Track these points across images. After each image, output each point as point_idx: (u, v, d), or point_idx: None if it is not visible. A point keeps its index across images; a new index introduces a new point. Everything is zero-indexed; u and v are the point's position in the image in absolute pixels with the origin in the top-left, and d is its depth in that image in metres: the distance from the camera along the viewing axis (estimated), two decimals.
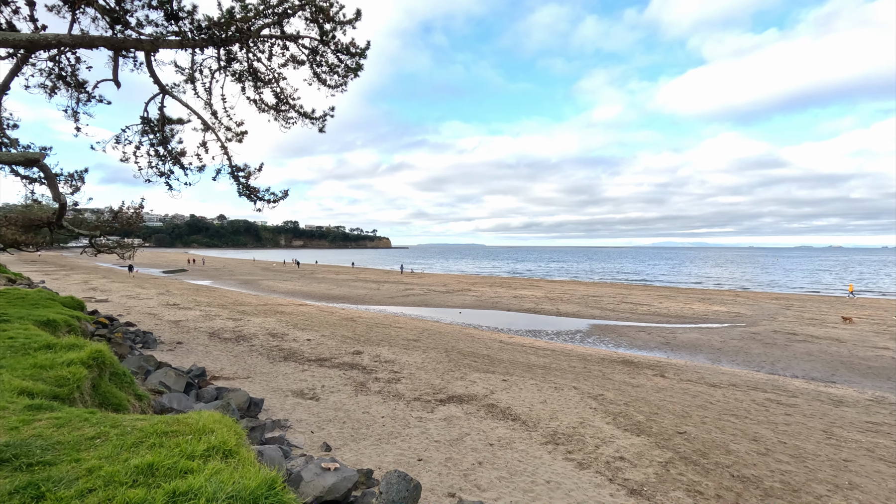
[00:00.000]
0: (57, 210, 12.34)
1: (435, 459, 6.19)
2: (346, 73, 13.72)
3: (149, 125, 13.68)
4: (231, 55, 13.20)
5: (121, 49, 11.57)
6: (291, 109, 14.32)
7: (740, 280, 58.37)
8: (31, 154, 10.55)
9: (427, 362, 11.78)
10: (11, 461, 2.62)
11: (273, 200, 14.63)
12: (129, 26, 11.56)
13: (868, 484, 6.04)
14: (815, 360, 14.97)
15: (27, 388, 3.85)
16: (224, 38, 12.11)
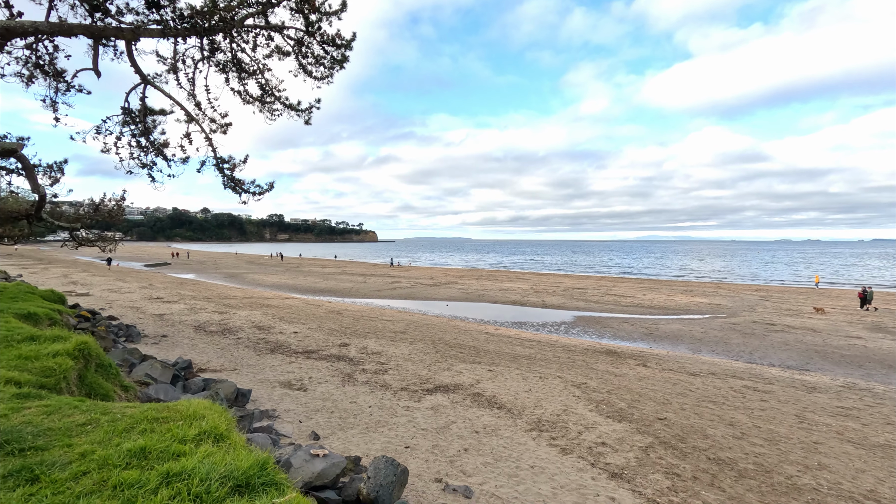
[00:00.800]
0: (36, 202, 12.12)
1: (422, 447, 6.31)
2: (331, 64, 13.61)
3: (130, 116, 13.45)
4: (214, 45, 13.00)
5: (100, 37, 11.33)
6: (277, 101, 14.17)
7: (722, 272, 59.53)
8: (8, 144, 10.31)
9: (414, 353, 11.89)
10: (3, 446, 2.65)
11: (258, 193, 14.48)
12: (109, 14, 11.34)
13: (836, 464, 6.33)
14: (792, 349, 15.43)
15: (13, 378, 3.86)
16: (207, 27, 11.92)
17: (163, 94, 13.96)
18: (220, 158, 14.55)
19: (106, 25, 11.57)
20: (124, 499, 2.18)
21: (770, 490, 5.55)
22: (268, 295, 26.31)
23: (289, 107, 15.05)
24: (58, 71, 12.27)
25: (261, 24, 13.51)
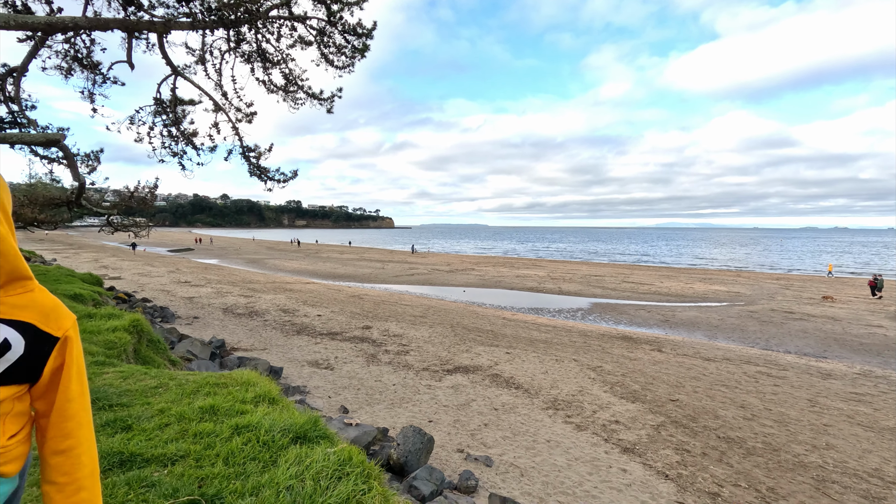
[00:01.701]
0: (76, 189, 12.77)
1: (444, 421, 6.72)
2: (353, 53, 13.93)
3: (161, 106, 13.99)
4: (240, 36, 13.43)
5: (134, 31, 11.82)
6: (300, 90, 14.57)
7: (742, 261, 58.68)
8: (51, 135, 10.92)
9: (434, 336, 12.31)
10: (95, 402, 3.10)
11: (283, 180, 15.01)
12: (142, 8, 11.79)
13: (844, 445, 6.55)
14: (810, 336, 15.44)
15: (86, 349, 4.33)
16: (234, 19, 12.33)
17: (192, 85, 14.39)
18: (246, 147, 15.04)
19: (139, 19, 12.04)
20: (204, 444, 2.59)
21: (777, 466, 5.82)
22: (289, 280, 27.02)
23: (312, 96, 15.42)
24: (94, 63, 12.81)
25: (284, 15, 13.85)
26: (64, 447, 0.84)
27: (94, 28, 11.08)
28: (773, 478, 5.54)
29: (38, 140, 10.69)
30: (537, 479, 5.20)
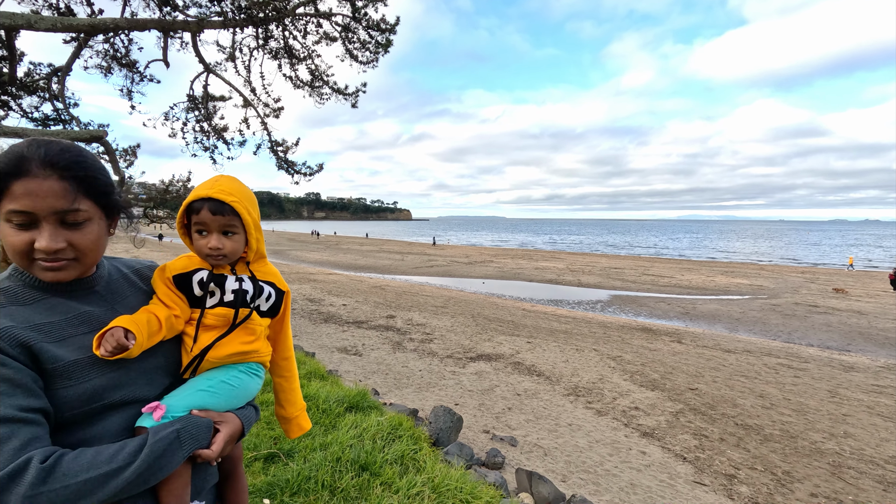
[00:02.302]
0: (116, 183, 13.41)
1: (469, 405, 7.06)
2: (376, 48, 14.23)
3: (194, 102, 14.53)
4: (268, 33, 13.84)
5: (170, 30, 12.31)
6: (325, 85, 14.96)
7: (766, 254, 57.58)
8: (95, 131, 11.51)
9: (456, 326, 12.66)
10: None
11: (309, 174, 15.45)
12: (177, 8, 12.27)
13: (862, 434, 6.68)
14: (833, 330, 15.33)
15: None
16: (262, 17, 12.74)
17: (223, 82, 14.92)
18: (274, 141, 15.53)
19: (174, 19, 12.57)
20: (272, 411, 2.96)
21: (793, 452, 6.01)
22: (312, 270, 27.68)
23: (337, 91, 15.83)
24: (131, 62, 13.38)
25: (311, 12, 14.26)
26: (286, 356, 1.25)
27: (132, 28, 11.59)
28: (789, 462, 5.74)
29: (82, 136, 11.26)
30: (560, 458, 5.50)
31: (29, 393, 0.77)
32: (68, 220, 0.84)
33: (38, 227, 0.82)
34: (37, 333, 0.82)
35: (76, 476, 0.73)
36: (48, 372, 0.81)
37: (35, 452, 0.73)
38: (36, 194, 0.80)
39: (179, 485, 0.90)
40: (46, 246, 0.82)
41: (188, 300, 1.07)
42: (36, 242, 0.82)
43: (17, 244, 0.82)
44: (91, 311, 0.92)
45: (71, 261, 0.87)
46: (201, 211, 1.04)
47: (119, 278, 1.04)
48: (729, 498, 4.93)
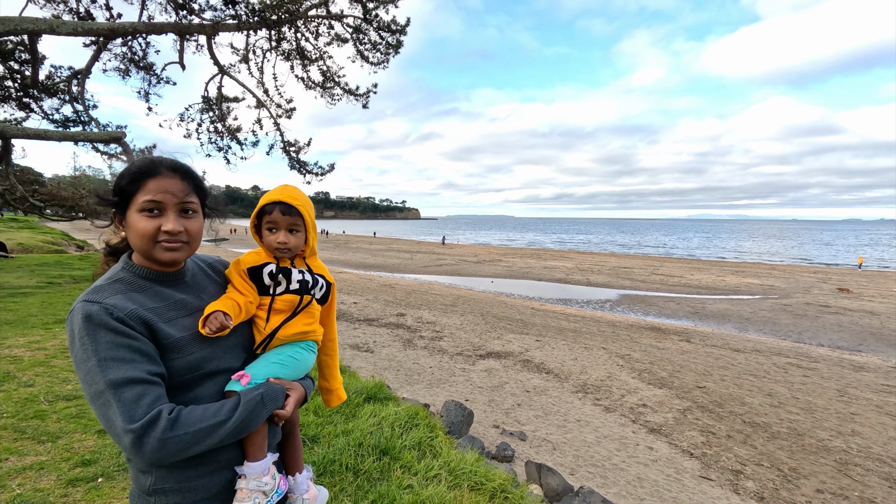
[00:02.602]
0: None
1: (479, 400, 7.20)
2: (387, 49, 14.41)
3: (208, 103, 14.80)
4: (281, 35, 14.07)
5: (186, 33, 12.59)
6: (337, 86, 15.16)
7: (779, 253, 57.01)
8: (114, 133, 11.81)
9: (465, 324, 12.80)
10: None
11: (321, 173, 15.68)
12: (193, 12, 12.53)
13: (869, 432, 6.72)
14: (845, 330, 15.25)
15: None
16: (275, 19, 12.96)
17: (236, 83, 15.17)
18: (286, 142, 15.75)
19: (190, 23, 12.81)
20: None
21: (800, 449, 6.08)
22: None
23: (348, 91, 16.01)
24: (148, 65, 13.68)
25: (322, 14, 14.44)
26: (331, 338, 1.46)
27: (150, 32, 11.87)
28: (795, 459, 5.81)
29: (102, 138, 11.58)
30: (568, 452, 5.63)
31: (153, 361, 0.98)
32: (186, 208, 1.09)
33: (164, 216, 1.06)
34: (152, 315, 1.03)
35: (192, 426, 0.95)
36: (162, 346, 1.02)
37: (163, 406, 0.94)
38: (165, 189, 1.05)
39: (260, 438, 1.13)
40: (172, 227, 1.05)
41: (258, 289, 1.26)
42: (162, 226, 1.05)
43: (148, 228, 1.04)
44: (185, 299, 1.13)
45: (184, 243, 1.09)
46: (273, 212, 1.25)
47: (198, 271, 1.25)
48: (735, 493, 5.03)
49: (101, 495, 2.31)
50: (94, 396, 0.92)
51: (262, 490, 1.10)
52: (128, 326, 0.96)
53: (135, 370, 0.93)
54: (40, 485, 2.36)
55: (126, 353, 0.94)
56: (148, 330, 1.00)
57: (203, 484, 1.06)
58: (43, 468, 2.52)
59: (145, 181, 1.05)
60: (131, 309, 0.99)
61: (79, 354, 0.94)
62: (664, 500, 4.72)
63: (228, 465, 1.10)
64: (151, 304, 1.05)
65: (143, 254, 1.09)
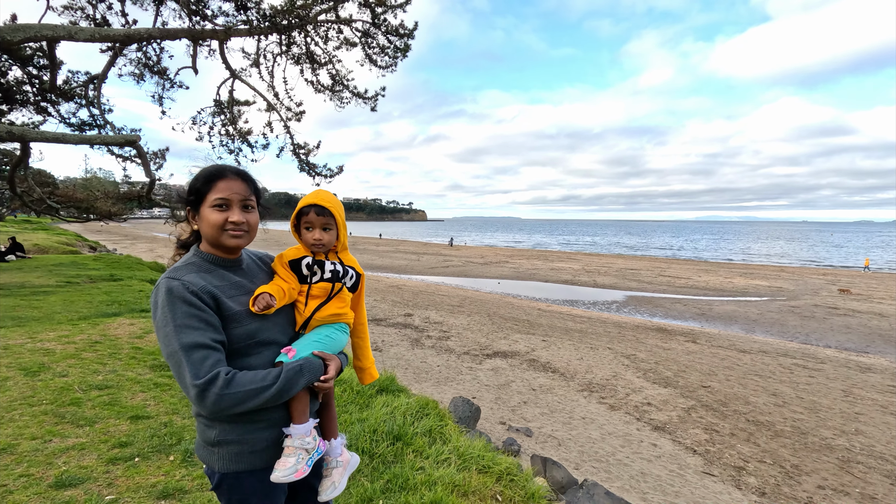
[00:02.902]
0: (147, 185, 14.01)
1: (486, 398, 7.34)
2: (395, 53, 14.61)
3: (220, 107, 15.08)
4: (291, 40, 14.32)
5: (199, 39, 12.85)
6: (345, 90, 15.37)
7: (788, 255, 56.58)
8: (129, 136, 12.09)
9: (472, 324, 12.94)
10: None
11: (330, 176, 15.90)
12: (206, 17, 12.80)
13: (873, 431, 6.78)
14: (853, 332, 15.21)
15: None
16: (286, 24, 13.21)
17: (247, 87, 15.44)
18: (296, 144, 16.00)
19: (203, 28, 13.11)
20: None
21: (803, 447, 6.16)
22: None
23: (357, 95, 16.24)
24: (162, 70, 13.97)
25: (331, 19, 14.70)
26: (362, 321, 1.64)
27: (165, 38, 12.16)
28: (798, 457, 5.90)
29: (118, 141, 11.87)
30: (573, 448, 5.76)
31: (217, 331, 1.19)
32: (246, 204, 1.33)
33: (230, 210, 1.30)
34: (218, 291, 1.25)
35: (243, 387, 1.15)
36: (224, 317, 1.23)
37: (221, 369, 1.15)
38: (230, 188, 1.30)
39: (303, 404, 1.33)
40: (237, 219, 1.30)
41: (298, 278, 1.46)
42: (229, 218, 1.29)
43: (218, 219, 1.29)
44: (241, 281, 1.36)
45: (245, 232, 1.33)
46: (309, 213, 1.45)
47: (252, 262, 1.48)
48: (737, 488, 5.13)
49: (139, 472, 2.51)
50: (169, 355, 1.15)
51: (305, 448, 1.31)
52: (199, 300, 1.19)
53: (202, 337, 1.15)
54: (83, 463, 2.57)
55: (196, 322, 1.16)
56: (215, 303, 1.23)
57: (256, 438, 1.29)
58: (84, 448, 2.72)
59: (216, 182, 1.30)
60: (202, 285, 1.22)
61: (160, 320, 1.17)
62: (666, 495, 4.84)
63: (277, 424, 1.32)
64: (217, 283, 1.29)
65: (212, 242, 1.33)
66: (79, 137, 11.93)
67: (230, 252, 1.37)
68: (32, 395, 3.45)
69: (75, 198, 15.53)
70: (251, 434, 1.27)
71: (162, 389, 3.66)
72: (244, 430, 1.27)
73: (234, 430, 1.26)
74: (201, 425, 1.29)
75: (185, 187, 1.35)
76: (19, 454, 2.66)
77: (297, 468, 1.27)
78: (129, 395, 3.52)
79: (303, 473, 1.28)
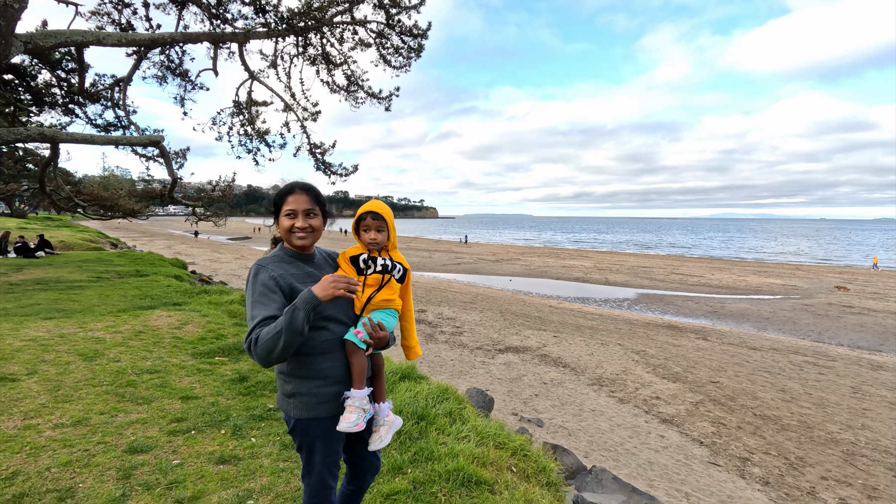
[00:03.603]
0: (170, 184, 14.47)
1: (499, 391, 7.59)
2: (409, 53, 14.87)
3: (239, 107, 15.48)
4: (307, 41, 14.66)
5: (220, 42, 13.24)
6: (360, 90, 15.68)
7: (804, 254, 55.85)
8: (154, 137, 12.53)
9: (484, 320, 13.20)
10: None
11: (345, 174, 16.25)
12: (226, 21, 13.19)
13: (879, 427, 6.91)
14: (866, 331, 15.17)
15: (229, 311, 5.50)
16: (302, 26, 13.54)
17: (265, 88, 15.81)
18: (313, 144, 16.35)
19: (223, 32, 13.48)
20: None
21: (808, 441, 6.32)
22: None
23: (371, 95, 16.54)
24: (184, 72, 14.39)
25: (347, 20, 15.02)
26: (409, 308, 1.92)
27: (187, 41, 12.57)
28: (803, 449, 6.07)
29: (142, 141, 12.32)
30: (583, 438, 5.99)
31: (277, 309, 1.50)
32: (309, 212, 1.68)
33: (297, 217, 1.66)
34: (293, 279, 1.59)
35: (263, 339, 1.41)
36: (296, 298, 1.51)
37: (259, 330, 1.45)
38: (297, 201, 1.67)
39: (361, 373, 1.64)
40: (300, 224, 1.66)
41: (356, 270, 1.75)
42: (295, 224, 1.66)
43: (287, 225, 1.67)
44: (313, 272, 1.69)
45: (309, 233, 1.68)
46: (366, 218, 1.76)
47: (322, 257, 1.81)
48: (741, 477, 5.33)
49: (196, 443, 2.83)
50: (246, 318, 1.53)
51: (362, 408, 1.63)
52: (273, 283, 1.55)
53: (263, 311, 1.48)
54: (148, 434, 2.90)
55: (265, 300, 1.51)
56: (288, 288, 1.58)
57: (322, 392, 1.63)
58: (146, 422, 3.06)
59: (287, 197, 1.69)
60: (280, 273, 1.59)
61: (247, 292, 1.59)
62: (672, 482, 5.06)
63: (338, 383, 1.65)
64: (293, 271, 1.65)
65: (286, 241, 1.73)
66: (106, 139, 12.40)
67: (302, 249, 1.71)
68: (93, 377, 3.83)
69: (100, 196, 16.08)
70: (318, 389, 1.61)
71: (205, 374, 3.99)
72: (313, 386, 1.61)
73: (304, 385, 1.61)
74: (280, 381, 1.66)
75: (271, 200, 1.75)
76: (93, 426, 3.02)
77: (357, 422, 1.59)
78: (177, 379, 3.87)
79: (361, 427, 1.60)
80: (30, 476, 2.45)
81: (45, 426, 3.02)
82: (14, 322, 5.45)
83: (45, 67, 13.74)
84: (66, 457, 2.65)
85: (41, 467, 2.53)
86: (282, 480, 2.51)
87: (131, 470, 2.53)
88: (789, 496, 5.02)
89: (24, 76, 13.41)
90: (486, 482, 2.28)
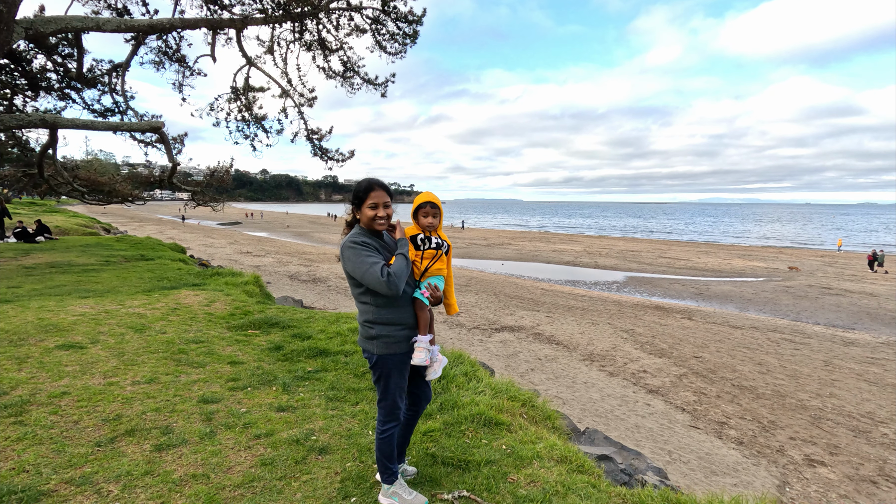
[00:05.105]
0: (169, 169, 14.61)
1: (497, 366, 8.09)
2: (404, 40, 15.07)
3: (236, 93, 15.59)
4: (304, 27, 14.78)
5: (217, 27, 13.33)
6: (356, 76, 15.87)
7: (788, 238, 57.14)
8: (153, 123, 12.67)
9: (480, 302, 13.69)
10: (276, 325, 4.57)
11: (342, 160, 16.49)
12: (224, 7, 13.26)
13: (845, 395, 7.54)
14: (842, 310, 15.94)
15: (242, 291, 5.88)
16: (299, 12, 13.66)
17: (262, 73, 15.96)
18: (310, 130, 16.54)
19: (221, 17, 13.60)
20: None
21: (780, 407, 6.92)
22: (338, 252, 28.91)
23: (367, 81, 16.75)
24: (181, 58, 14.47)
25: (343, 6, 15.17)
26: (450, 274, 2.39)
27: (185, 27, 12.65)
28: (775, 415, 6.66)
29: (143, 127, 12.45)
30: (576, 406, 6.52)
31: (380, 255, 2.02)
32: (387, 204, 2.17)
33: (378, 209, 2.15)
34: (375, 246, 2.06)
35: (395, 268, 1.98)
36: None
37: (388, 268, 1.99)
38: (378, 196, 2.16)
39: (427, 318, 2.14)
40: (382, 214, 2.15)
41: (414, 246, 2.17)
42: (377, 214, 2.15)
43: (371, 214, 2.15)
44: (385, 244, 2.15)
45: (386, 220, 2.17)
46: (426, 207, 2.22)
47: (387, 236, 2.24)
48: (718, 438, 5.89)
49: (255, 396, 3.29)
50: (364, 273, 2.00)
51: (427, 348, 2.14)
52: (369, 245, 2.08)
53: (376, 257, 2.03)
54: (212, 390, 3.33)
55: (370, 251, 2.05)
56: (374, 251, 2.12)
57: (397, 335, 2.15)
58: (207, 381, 3.49)
59: (370, 192, 2.16)
60: (369, 241, 2.13)
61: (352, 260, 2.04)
62: (657, 442, 5.60)
63: (407, 328, 2.17)
64: (374, 244, 2.14)
65: (367, 226, 2.20)
66: (106, 124, 12.51)
67: (378, 233, 2.21)
68: (147, 346, 4.24)
69: (98, 181, 16.16)
70: (394, 332, 2.14)
71: (243, 344, 4.39)
72: (392, 329, 2.14)
73: (385, 329, 2.13)
74: (364, 327, 2.19)
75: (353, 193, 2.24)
76: (164, 383, 3.48)
77: (426, 359, 2.13)
78: (221, 347, 4.28)
79: (428, 363, 2.16)
80: (132, 418, 2.95)
81: (124, 383, 3.50)
82: (55, 300, 5.79)
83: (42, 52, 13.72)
84: (153, 405, 3.15)
85: (137, 411, 3.04)
86: (335, 423, 2.98)
87: (210, 415, 3.02)
88: (760, 454, 5.59)
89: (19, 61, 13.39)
90: (504, 423, 2.75)
